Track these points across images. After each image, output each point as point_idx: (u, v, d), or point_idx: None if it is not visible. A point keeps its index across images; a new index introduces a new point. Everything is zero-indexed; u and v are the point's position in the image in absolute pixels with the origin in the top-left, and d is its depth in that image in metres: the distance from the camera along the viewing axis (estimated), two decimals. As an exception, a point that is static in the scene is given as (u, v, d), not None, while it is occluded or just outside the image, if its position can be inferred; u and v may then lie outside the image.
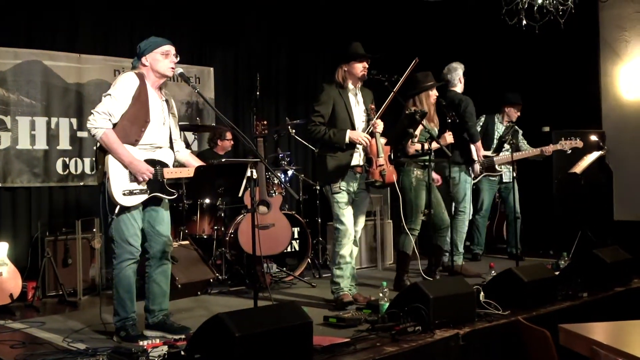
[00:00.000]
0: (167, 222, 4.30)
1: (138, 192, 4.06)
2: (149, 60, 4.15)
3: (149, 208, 4.20)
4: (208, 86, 7.54)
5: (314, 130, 4.91)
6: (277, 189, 6.29)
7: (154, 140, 4.15)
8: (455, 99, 6.31)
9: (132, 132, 4.05)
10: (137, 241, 4.13)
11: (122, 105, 4.02)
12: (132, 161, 4.01)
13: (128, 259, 4.11)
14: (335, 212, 4.98)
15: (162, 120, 4.20)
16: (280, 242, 6.03)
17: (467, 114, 6.27)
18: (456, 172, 6.43)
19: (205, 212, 6.39)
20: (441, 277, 5.76)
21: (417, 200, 5.52)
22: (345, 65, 4.99)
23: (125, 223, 4.07)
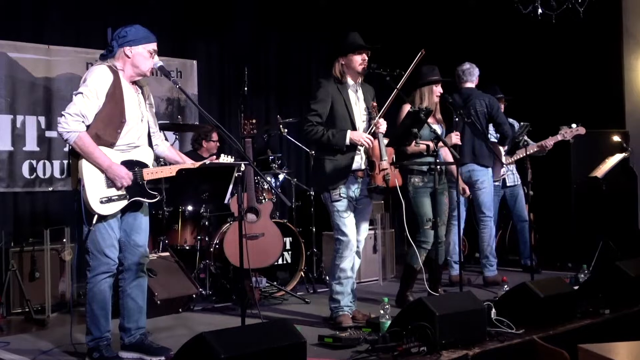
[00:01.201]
0: (145, 231, 4.29)
1: (117, 198, 4.06)
2: (134, 53, 4.11)
3: (127, 214, 4.20)
4: (191, 81, 7.55)
5: (310, 130, 4.91)
6: (267, 194, 6.28)
7: (132, 140, 4.14)
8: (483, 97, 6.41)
9: (107, 134, 4.04)
10: (115, 253, 4.13)
11: (96, 104, 4.00)
12: (111, 165, 4.00)
13: (104, 272, 4.10)
14: (335, 221, 4.98)
15: (140, 117, 4.19)
16: (271, 254, 6.03)
17: (500, 114, 6.42)
18: (484, 176, 6.47)
19: (188, 220, 6.38)
20: (448, 293, 5.76)
21: (419, 209, 5.52)
22: (342, 58, 4.99)
23: (102, 233, 4.06)
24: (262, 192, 6.28)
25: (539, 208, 7.36)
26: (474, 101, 6.42)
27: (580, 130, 6.87)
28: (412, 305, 4.28)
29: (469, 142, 6.40)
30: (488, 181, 6.53)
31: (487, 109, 6.38)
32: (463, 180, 6.47)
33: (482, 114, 6.37)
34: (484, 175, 6.49)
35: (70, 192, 4.13)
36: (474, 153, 6.40)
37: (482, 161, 6.42)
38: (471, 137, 6.40)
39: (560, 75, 8.41)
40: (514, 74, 8.47)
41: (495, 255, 6.67)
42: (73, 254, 5.78)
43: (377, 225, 7.05)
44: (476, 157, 6.41)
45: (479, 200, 6.54)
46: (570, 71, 8.35)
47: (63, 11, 6.75)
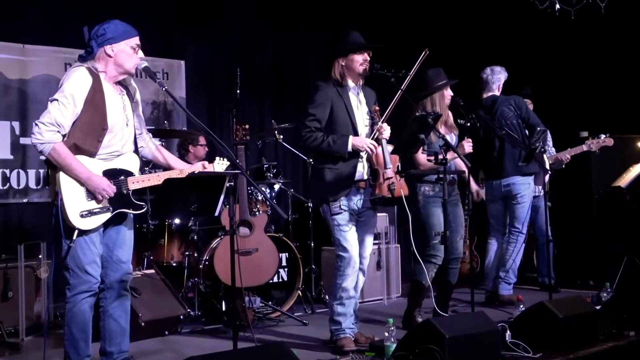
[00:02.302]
0: (128, 245, 4.29)
1: (99, 211, 4.05)
2: (116, 51, 4.10)
3: (109, 228, 4.20)
4: (178, 83, 7.56)
5: (309, 137, 4.91)
6: (262, 206, 6.28)
7: (115, 147, 4.14)
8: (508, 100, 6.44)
9: (87, 144, 4.03)
10: (97, 270, 4.11)
11: (73, 112, 3.98)
12: (90, 177, 3.99)
13: (85, 291, 4.08)
14: (335, 236, 4.97)
15: (124, 121, 4.18)
16: (265, 271, 6.02)
17: (531, 115, 6.48)
18: (525, 190, 6.50)
19: (175, 234, 6.38)
20: (459, 313, 5.76)
21: (429, 220, 5.52)
22: (342, 59, 5.00)
23: (83, 248, 4.05)
24: (256, 203, 6.28)
25: (557, 220, 7.35)
26: (501, 110, 6.45)
27: (608, 141, 6.88)
28: (419, 327, 4.28)
29: (510, 155, 6.44)
30: (528, 195, 6.57)
31: (516, 112, 6.41)
32: (497, 195, 6.50)
33: (514, 119, 6.40)
34: (526, 190, 6.53)
35: (47, 204, 4.13)
36: (516, 164, 6.40)
37: (526, 170, 6.42)
38: (510, 148, 6.43)
39: (580, 77, 8.42)
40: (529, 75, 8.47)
41: (516, 274, 6.69)
42: (50, 271, 5.77)
43: (381, 240, 7.05)
44: (519, 168, 6.41)
45: (515, 214, 6.58)
46: (591, 72, 8.36)
47: (40, 7, 6.76)
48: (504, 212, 6.70)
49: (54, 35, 6.82)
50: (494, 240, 6.89)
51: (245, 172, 4.42)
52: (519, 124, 6.45)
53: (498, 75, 6.65)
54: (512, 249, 6.63)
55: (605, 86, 8.26)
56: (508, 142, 6.39)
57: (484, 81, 6.67)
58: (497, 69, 6.67)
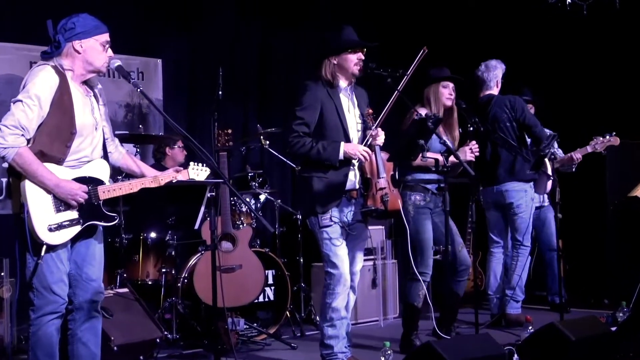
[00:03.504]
0: (99, 262, 4.26)
1: (68, 224, 4.03)
2: (85, 47, 4.09)
3: (77, 243, 4.17)
4: (155, 83, 7.55)
5: (296, 143, 4.92)
6: (246, 219, 6.26)
7: (84, 153, 4.12)
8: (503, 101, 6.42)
9: (54, 150, 4.01)
10: (64, 289, 4.08)
11: (39, 115, 3.96)
12: (59, 183, 3.97)
13: (51, 312, 4.05)
14: (325, 251, 4.97)
15: (94, 124, 4.17)
16: (250, 290, 6.01)
17: (527, 116, 6.46)
18: (521, 198, 6.48)
19: (151, 249, 6.36)
20: (462, 335, 5.76)
21: (419, 234, 5.53)
22: (334, 57, 5.01)
23: (49, 266, 4.02)
24: (239, 215, 6.26)
25: (569, 233, 7.36)
26: (494, 112, 6.45)
27: (614, 140, 6.89)
28: (418, 351, 4.29)
29: (504, 160, 6.45)
30: (526, 204, 6.53)
31: (511, 113, 6.40)
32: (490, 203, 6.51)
33: (507, 122, 6.40)
34: (521, 197, 6.49)
35: (10, 217, 4.10)
36: (512, 171, 6.42)
37: (521, 176, 6.43)
38: (505, 153, 6.44)
39: (593, 76, 8.44)
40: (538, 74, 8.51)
41: (524, 290, 6.69)
42: (13, 291, 5.73)
43: (376, 255, 7.05)
44: (515, 174, 6.42)
45: (514, 225, 6.57)
46: (605, 71, 8.39)
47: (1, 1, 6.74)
48: (502, 221, 6.68)
49: (18, 32, 6.80)
50: (496, 255, 6.88)
51: (228, 181, 4.42)
52: (512, 127, 6.43)
53: (494, 72, 6.60)
54: (516, 264, 6.62)
55: (620, 86, 8.28)
56: (502, 146, 6.38)
57: (480, 79, 6.63)
58: (492, 63, 6.62)
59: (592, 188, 7.87)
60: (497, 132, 6.36)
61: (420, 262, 5.52)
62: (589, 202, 8.06)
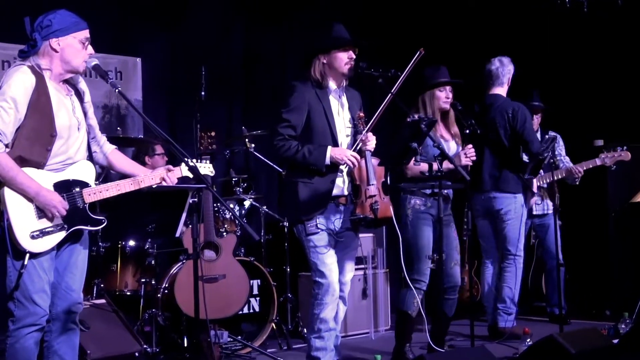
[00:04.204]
0: (81, 270, 4.27)
1: (52, 230, 4.02)
2: (62, 45, 4.08)
3: (62, 249, 4.17)
4: (134, 83, 7.54)
5: (281, 146, 4.92)
6: (230, 226, 6.26)
7: (67, 155, 4.12)
8: (506, 108, 6.42)
9: (35, 154, 4.01)
10: (46, 300, 4.07)
11: (16, 118, 3.96)
12: (39, 191, 3.97)
13: (30, 324, 4.04)
14: (312, 260, 4.98)
15: (75, 125, 4.16)
16: (234, 301, 6.01)
17: (527, 129, 6.43)
18: (509, 204, 6.49)
19: (129, 258, 6.34)
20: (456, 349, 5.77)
21: (417, 239, 5.54)
22: (323, 56, 5.02)
23: (31, 274, 4.01)
24: (223, 222, 6.26)
25: (569, 242, 7.39)
26: (494, 114, 6.46)
27: (625, 156, 6.94)
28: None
29: (489, 165, 6.45)
30: (515, 211, 6.53)
31: (510, 122, 6.40)
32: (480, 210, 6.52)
33: (502, 129, 6.40)
34: (510, 205, 6.50)
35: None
36: (494, 177, 6.43)
37: (504, 187, 6.44)
38: (491, 158, 6.44)
39: (594, 78, 8.46)
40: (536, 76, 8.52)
41: (516, 303, 6.69)
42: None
43: (367, 264, 7.05)
44: (497, 183, 6.44)
45: (504, 234, 6.56)
46: (606, 72, 8.41)
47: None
48: (492, 230, 6.69)
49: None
50: (488, 265, 6.90)
51: (211, 186, 4.40)
52: (506, 135, 6.42)
53: (508, 67, 6.64)
54: (508, 276, 6.61)
55: (622, 88, 8.30)
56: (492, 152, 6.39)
57: (494, 74, 6.61)
58: (505, 60, 6.65)
59: (594, 194, 7.88)
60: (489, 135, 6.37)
61: (416, 269, 5.53)
62: (590, 208, 8.07)
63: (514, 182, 6.46)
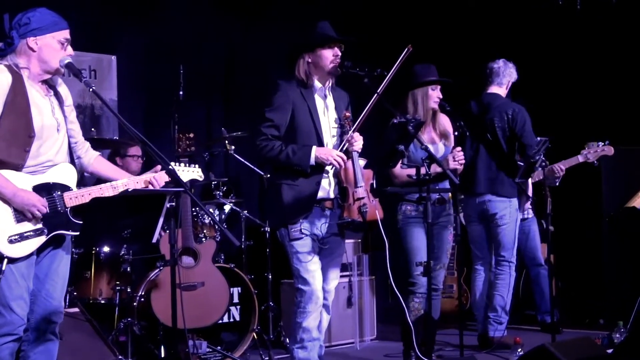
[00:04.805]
0: (62, 278, 4.24)
1: (32, 234, 4.01)
2: (40, 44, 4.08)
3: (42, 255, 4.15)
4: (109, 82, 7.52)
5: (264, 146, 4.93)
6: (209, 231, 6.25)
7: (46, 157, 4.11)
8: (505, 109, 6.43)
9: (12, 156, 4.00)
10: (24, 308, 4.04)
11: None
12: (16, 192, 3.95)
13: (7, 333, 4.01)
14: (295, 266, 4.99)
15: (54, 126, 4.16)
16: (213, 309, 6.00)
17: (526, 132, 6.44)
18: (505, 208, 6.50)
19: (104, 265, 6.32)
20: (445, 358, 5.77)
21: (407, 244, 5.55)
22: (308, 54, 5.02)
23: (8, 280, 3.98)
24: (202, 228, 6.24)
25: (561, 248, 7.42)
26: (493, 114, 6.47)
27: (608, 150, 6.93)
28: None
29: (485, 167, 6.46)
30: (510, 216, 6.54)
31: (509, 124, 6.41)
32: (473, 215, 6.53)
33: (501, 130, 6.42)
34: (505, 209, 6.51)
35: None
36: (490, 180, 6.44)
37: (500, 191, 6.45)
38: (487, 159, 6.45)
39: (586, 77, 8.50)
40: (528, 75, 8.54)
41: (508, 311, 6.70)
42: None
43: (352, 271, 7.05)
44: (493, 186, 6.45)
45: (498, 239, 6.57)
46: (599, 71, 8.45)
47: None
48: (486, 235, 6.71)
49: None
50: (480, 271, 6.91)
51: (190, 190, 4.40)
52: (505, 137, 6.44)
53: (511, 70, 6.67)
54: (500, 283, 6.62)
55: (616, 88, 8.34)
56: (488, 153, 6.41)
57: (494, 72, 6.64)
58: (510, 63, 6.70)
59: (587, 198, 7.92)
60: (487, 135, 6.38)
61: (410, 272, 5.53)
62: (584, 213, 8.12)
63: (510, 186, 6.46)
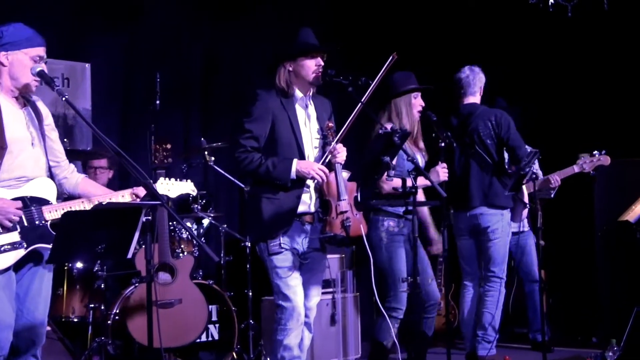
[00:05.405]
0: (45, 297, 4.24)
1: (9, 247, 4.00)
2: (11, 60, 4.12)
3: (21, 272, 4.14)
4: (82, 91, 7.51)
5: (243, 159, 4.92)
6: (187, 246, 6.24)
7: (21, 172, 4.12)
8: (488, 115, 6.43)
9: None
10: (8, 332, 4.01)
11: None
12: None
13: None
14: (275, 282, 4.98)
15: (29, 139, 4.17)
16: (191, 328, 6.00)
17: (512, 134, 6.43)
18: (497, 222, 6.49)
19: (76, 282, 6.31)
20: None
21: (391, 264, 5.56)
22: (289, 63, 5.02)
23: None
24: (179, 242, 6.24)
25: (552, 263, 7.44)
26: (476, 123, 6.47)
27: (604, 160, 6.96)
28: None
29: (477, 180, 6.45)
30: (502, 230, 6.51)
31: (495, 130, 6.42)
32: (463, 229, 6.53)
33: (488, 139, 6.43)
34: (498, 222, 6.49)
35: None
36: (483, 192, 6.45)
37: (496, 201, 6.44)
38: (478, 172, 6.46)
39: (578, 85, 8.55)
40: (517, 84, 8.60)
41: (497, 329, 6.69)
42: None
43: (336, 288, 7.05)
44: (487, 197, 6.45)
45: (489, 254, 6.54)
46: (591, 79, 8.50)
47: None
48: (476, 251, 6.70)
49: None
50: (469, 288, 6.89)
51: (167, 203, 4.40)
52: (494, 145, 6.46)
53: (479, 75, 6.64)
54: (489, 300, 6.60)
55: (609, 97, 8.39)
56: (477, 164, 6.43)
57: (464, 83, 6.60)
58: (475, 68, 6.65)
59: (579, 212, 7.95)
60: (475, 147, 6.40)
61: (392, 296, 5.55)
62: (575, 227, 8.15)
63: (504, 196, 6.46)
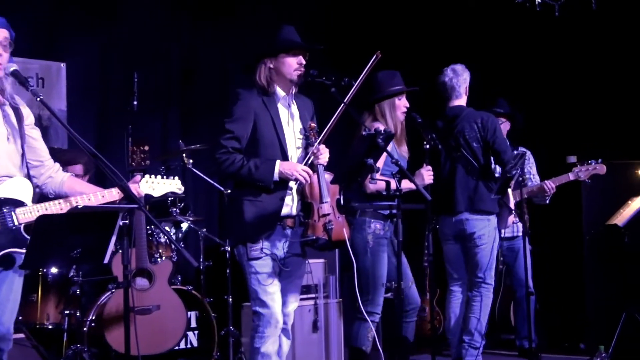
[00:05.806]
0: (13, 302, 4.23)
1: None
2: None
3: None
4: (57, 91, 7.49)
5: (224, 160, 4.91)
6: (165, 251, 6.22)
7: None
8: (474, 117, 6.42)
9: None
10: None
11: None
12: None
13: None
14: (253, 287, 4.97)
15: (4, 134, 4.17)
16: (170, 335, 5.99)
17: (497, 138, 6.42)
18: (483, 228, 6.49)
19: (51, 288, 6.28)
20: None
21: (375, 268, 5.56)
22: (270, 60, 5.01)
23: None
24: (157, 247, 6.22)
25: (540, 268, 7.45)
26: (462, 126, 6.46)
27: (600, 169, 6.98)
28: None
29: (463, 184, 6.45)
30: (489, 235, 6.49)
31: (481, 132, 6.42)
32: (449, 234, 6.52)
33: (474, 142, 6.42)
34: (484, 228, 6.48)
35: None
36: (469, 197, 6.44)
37: (481, 206, 6.43)
38: (464, 176, 6.45)
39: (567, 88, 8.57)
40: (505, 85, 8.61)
41: (484, 335, 6.70)
42: None
43: (318, 294, 7.04)
44: (473, 203, 6.44)
45: (475, 260, 6.53)
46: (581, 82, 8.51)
47: None
48: (462, 255, 6.70)
49: None
50: (456, 293, 6.89)
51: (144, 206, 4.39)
52: (480, 148, 6.45)
53: (463, 76, 6.57)
54: (475, 306, 6.59)
55: (598, 100, 8.40)
56: (463, 167, 6.43)
57: (448, 86, 6.54)
58: (458, 68, 6.56)
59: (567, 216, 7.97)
60: (461, 150, 6.40)
61: (370, 300, 5.55)
62: (563, 231, 8.16)
63: (491, 200, 6.45)
